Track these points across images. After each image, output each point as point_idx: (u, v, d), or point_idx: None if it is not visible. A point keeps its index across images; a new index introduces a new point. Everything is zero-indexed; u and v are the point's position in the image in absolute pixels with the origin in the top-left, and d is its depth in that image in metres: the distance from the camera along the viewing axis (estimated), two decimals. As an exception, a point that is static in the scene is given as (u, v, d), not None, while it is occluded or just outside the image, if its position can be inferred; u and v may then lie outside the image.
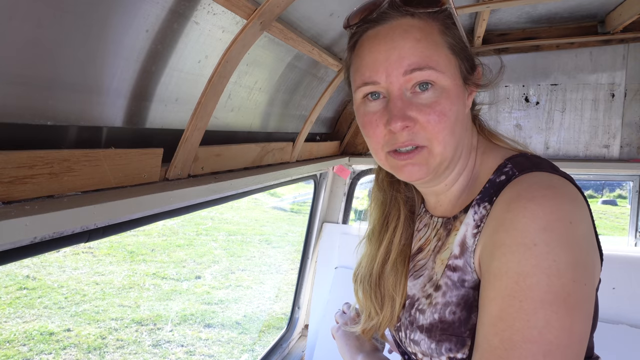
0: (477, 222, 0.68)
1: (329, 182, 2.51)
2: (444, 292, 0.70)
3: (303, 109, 1.86)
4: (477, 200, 0.70)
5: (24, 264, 6.83)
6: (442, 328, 0.68)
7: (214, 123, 1.27)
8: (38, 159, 0.73)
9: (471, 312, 0.67)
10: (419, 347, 0.72)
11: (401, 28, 0.69)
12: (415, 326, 0.74)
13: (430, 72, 0.67)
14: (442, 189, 0.79)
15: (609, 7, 1.95)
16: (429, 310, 0.72)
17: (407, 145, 0.70)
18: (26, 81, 0.71)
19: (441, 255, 0.75)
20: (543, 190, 0.60)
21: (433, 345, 0.69)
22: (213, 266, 7.92)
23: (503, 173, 0.69)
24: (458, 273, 0.69)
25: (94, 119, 0.89)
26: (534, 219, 0.56)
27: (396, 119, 0.67)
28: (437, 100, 0.68)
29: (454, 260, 0.70)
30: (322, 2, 1.31)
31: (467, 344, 0.66)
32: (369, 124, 0.73)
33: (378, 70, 0.69)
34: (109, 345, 5.20)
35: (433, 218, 0.84)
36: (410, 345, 0.75)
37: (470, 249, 0.68)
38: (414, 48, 0.67)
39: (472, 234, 0.68)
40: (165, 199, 0.95)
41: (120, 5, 0.79)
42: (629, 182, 2.40)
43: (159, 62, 0.97)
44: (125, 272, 7.20)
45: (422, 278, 0.79)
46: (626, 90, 2.21)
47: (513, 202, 0.61)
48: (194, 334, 5.60)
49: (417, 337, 0.72)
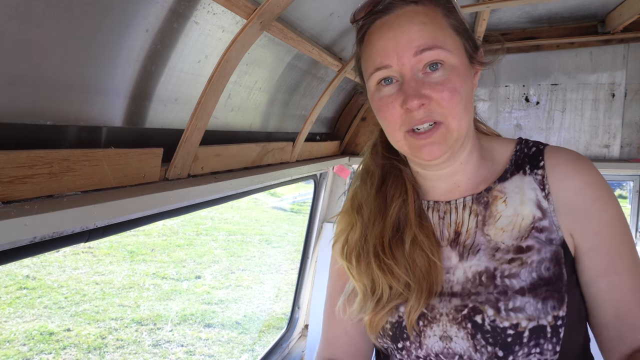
0: (540, 186, 0.77)
1: (329, 182, 2.51)
2: (538, 250, 0.73)
3: (303, 109, 1.86)
4: (527, 168, 0.79)
5: (24, 264, 6.83)
6: (544, 284, 0.71)
7: (214, 123, 1.27)
8: (38, 159, 0.73)
9: (561, 268, 0.72)
10: (524, 313, 0.69)
11: (407, 15, 0.73)
12: (511, 293, 0.71)
13: (439, 51, 0.70)
14: (458, 167, 0.81)
15: (609, 7, 1.95)
16: (524, 270, 0.72)
17: (424, 122, 0.72)
18: (26, 81, 0.71)
19: (496, 225, 0.78)
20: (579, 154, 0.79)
21: (540, 305, 0.69)
22: (213, 266, 7.92)
23: (531, 146, 0.81)
24: (545, 233, 0.74)
25: (93, 119, 0.89)
26: (600, 175, 0.76)
27: (412, 97, 0.70)
28: (448, 77, 0.71)
29: (540, 222, 0.75)
30: (322, 2, 1.31)
31: (564, 300, 0.69)
32: (385, 107, 0.75)
33: (389, 54, 0.72)
34: (109, 345, 5.20)
35: (453, 202, 0.82)
36: (509, 317, 0.70)
37: (549, 209, 0.75)
38: (422, 30, 0.71)
39: (543, 197, 0.76)
40: (165, 198, 0.95)
41: (120, 5, 0.79)
42: (629, 182, 2.40)
43: (159, 62, 0.97)
44: (125, 272, 7.20)
45: (482, 252, 0.76)
46: (626, 90, 2.21)
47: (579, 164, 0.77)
48: (194, 334, 5.59)
49: (519, 303, 0.70)
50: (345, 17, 1.48)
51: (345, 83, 2.17)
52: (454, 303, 0.75)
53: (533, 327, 0.68)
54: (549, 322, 0.68)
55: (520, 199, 0.77)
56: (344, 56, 1.78)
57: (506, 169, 0.81)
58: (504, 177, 0.80)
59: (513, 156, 0.81)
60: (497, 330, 0.70)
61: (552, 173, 0.76)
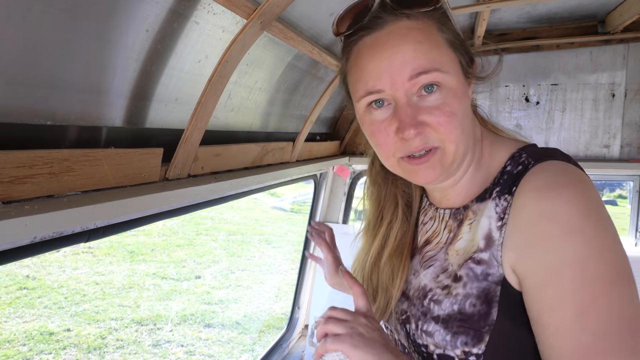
0: (499, 215, 0.68)
1: (329, 182, 2.51)
2: (464, 284, 0.70)
3: (303, 109, 1.86)
4: (496, 192, 0.70)
5: (24, 264, 6.83)
6: (461, 319, 0.68)
7: (214, 123, 1.27)
8: (38, 159, 0.73)
9: (491, 307, 0.66)
10: (432, 339, 0.71)
11: (400, 32, 0.67)
12: (429, 317, 0.73)
13: (437, 73, 0.66)
14: (450, 183, 0.79)
15: (609, 7, 1.95)
16: (447, 300, 0.71)
17: (420, 150, 0.69)
18: (26, 81, 0.71)
19: (455, 246, 0.75)
20: (569, 177, 0.62)
21: (448, 337, 0.68)
22: (213, 266, 7.92)
23: (520, 163, 0.70)
24: (482, 266, 0.68)
25: (93, 119, 0.89)
26: (574, 206, 0.59)
27: (409, 127, 0.66)
28: (445, 101, 0.67)
29: (479, 254, 0.69)
30: (322, 2, 1.31)
31: (484, 340, 0.65)
32: (378, 133, 0.71)
33: (382, 78, 0.67)
34: (108, 345, 5.20)
35: (439, 210, 0.83)
36: (421, 337, 0.73)
37: (497, 242, 0.67)
38: (417, 51, 0.66)
39: (497, 227, 0.68)
40: (165, 198, 0.95)
41: (120, 5, 0.79)
42: (629, 182, 2.40)
43: (159, 62, 0.97)
44: (125, 272, 7.21)
45: (432, 268, 0.78)
46: (626, 90, 2.21)
47: (545, 190, 0.61)
48: (194, 334, 5.60)
49: (432, 329, 0.71)
50: (345, 17, 1.48)
51: (345, 83, 2.17)
52: (402, 306, 0.83)
53: (440, 353, 0.70)
54: (457, 355, 0.68)
55: (481, 225, 0.71)
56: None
57: (487, 188, 0.74)
58: (482, 197, 0.74)
59: (499, 173, 0.73)
60: (417, 343, 0.76)
61: (515, 202, 0.66)
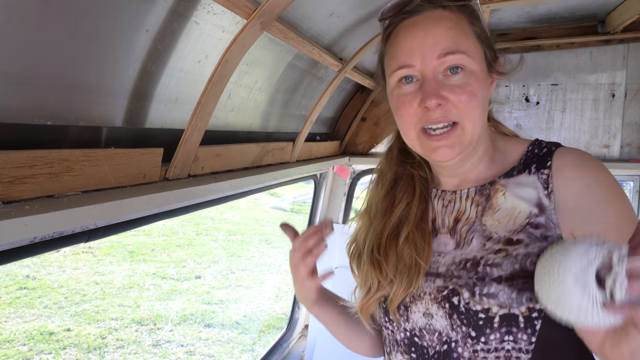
0: (543, 185, 0.78)
1: (329, 182, 2.51)
2: (526, 244, 0.75)
3: (303, 109, 1.86)
4: (534, 167, 0.80)
5: (24, 264, 6.83)
6: (524, 277, 0.72)
7: (214, 123, 1.27)
8: (38, 159, 0.73)
9: None
10: (497, 299, 0.73)
11: (434, 18, 0.76)
12: (488, 280, 0.75)
13: (462, 56, 0.74)
14: (469, 168, 0.85)
15: (609, 7, 1.95)
16: (507, 261, 0.75)
17: (440, 121, 0.75)
18: (26, 81, 0.71)
19: (494, 216, 0.80)
20: (590, 154, 0.79)
21: (514, 295, 0.72)
22: (213, 266, 7.92)
23: (543, 147, 0.82)
24: (540, 230, 0.75)
25: (93, 119, 0.89)
26: (607, 173, 0.76)
27: (431, 96, 0.73)
28: (468, 81, 0.74)
29: (536, 219, 0.76)
30: (322, 2, 1.31)
31: None
32: (403, 104, 0.78)
33: (414, 54, 0.75)
34: (109, 345, 5.20)
35: (459, 192, 0.87)
36: (481, 302, 0.75)
37: (549, 207, 0.76)
38: (447, 35, 0.74)
39: (545, 195, 0.77)
40: (165, 199, 0.95)
41: (120, 5, 0.79)
42: (630, 182, 2.40)
43: (159, 62, 0.97)
44: (125, 272, 7.20)
45: (475, 240, 0.81)
46: (626, 90, 2.21)
47: (585, 166, 0.76)
48: (194, 334, 5.60)
49: (494, 289, 0.74)
50: (346, 17, 1.48)
51: (345, 83, 2.17)
52: (437, 284, 0.81)
53: (504, 314, 0.72)
54: (521, 312, 0.71)
55: (520, 194, 0.79)
56: (344, 56, 1.78)
57: (513, 166, 0.82)
58: (509, 174, 0.82)
59: (523, 156, 0.83)
60: (470, 313, 0.75)
61: (557, 173, 0.77)
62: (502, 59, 0.85)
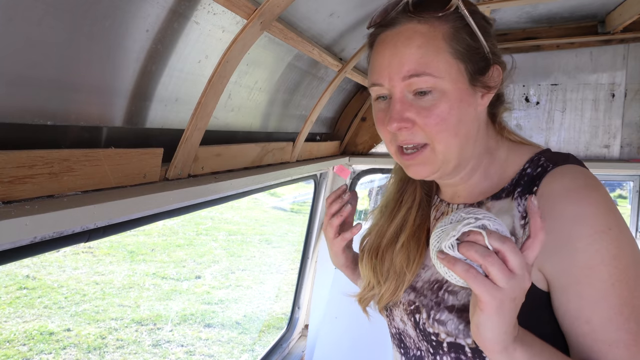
0: (522, 214, 0.72)
1: (329, 182, 2.51)
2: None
3: (303, 109, 1.86)
4: (518, 192, 0.74)
5: (24, 264, 6.83)
6: None
7: (214, 123, 1.27)
8: (38, 159, 0.73)
9: None
10: (445, 327, 0.74)
11: (405, 34, 0.72)
12: (443, 307, 0.76)
13: (427, 78, 0.70)
14: (458, 181, 0.83)
15: (609, 7, 1.95)
16: (464, 292, 0.74)
17: (407, 143, 0.75)
18: (26, 81, 0.71)
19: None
20: (587, 180, 0.68)
21: (461, 327, 0.72)
22: (213, 266, 7.93)
23: (539, 166, 0.74)
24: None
25: (93, 119, 0.89)
26: (599, 206, 0.65)
27: (392, 120, 0.72)
28: (436, 103, 0.71)
29: None
30: (322, 2, 1.31)
31: None
32: (379, 122, 0.79)
33: (382, 74, 0.74)
34: (109, 345, 5.20)
35: (451, 206, 0.86)
36: (433, 326, 0.76)
37: (521, 240, 0.71)
38: (414, 55, 0.71)
39: (520, 225, 0.72)
40: (165, 198, 0.95)
41: (120, 5, 0.79)
42: (629, 182, 2.40)
43: (159, 62, 0.97)
44: (125, 272, 7.21)
45: None
46: (626, 90, 2.21)
47: (569, 194, 0.67)
48: (194, 334, 5.60)
49: (445, 318, 0.74)
50: (346, 17, 1.49)
51: (345, 83, 2.17)
52: (410, 297, 0.85)
53: (450, 342, 0.74)
54: (467, 344, 0.71)
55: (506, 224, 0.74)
56: (344, 56, 1.79)
57: (504, 187, 0.77)
58: (497, 195, 0.77)
59: (517, 175, 0.77)
60: (426, 332, 0.78)
61: (540, 202, 0.66)
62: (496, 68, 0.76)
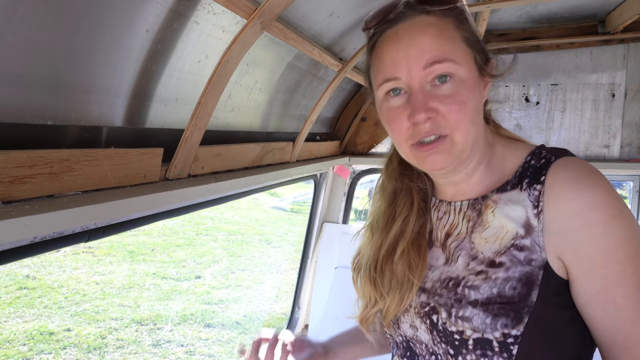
0: (534, 203, 0.72)
1: (329, 182, 2.51)
2: (507, 268, 0.72)
3: (303, 109, 1.86)
4: (526, 183, 0.74)
5: (24, 264, 6.83)
6: (501, 302, 0.70)
7: (214, 123, 1.27)
8: (38, 159, 0.73)
9: (531, 289, 0.69)
10: (470, 323, 0.72)
11: (419, 26, 0.73)
12: (465, 302, 0.74)
13: (449, 64, 0.71)
14: (462, 178, 0.82)
15: (609, 7, 1.95)
16: (486, 285, 0.73)
17: (430, 134, 0.73)
18: (26, 81, 0.71)
19: (482, 234, 0.77)
20: (591, 168, 0.71)
21: (488, 320, 0.70)
22: (213, 266, 7.92)
23: (541, 158, 0.75)
24: (525, 252, 0.71)
25: (94, 119, 0.89)
26: (608, 192, 0.68)
27: (419, 110, 0.71)
28: (457, 90, 0.71)
29: (521, 240, 0.72)
30: (322, 2, 1.31)
31: (523, 321, 0.68)
32: (393, 119, 0.76)
33: (399, 66, 0.72)
34: (109, 345, 5.20)
35: (453, 204, 0.85)
36: (456, 324, 0.74)
37: (536, 228, 0.71)
38: (433, 43, 0.71)
39: (534, 215, 0.72)
40: (165, 198, 0.95)
41: (120, 5, 0.79)
42: (629, 182, 2.40)
43: (159, 62, 0.97)
44: (125, 272, 7.20)
45: (461, 258, 0.80)
46: (626, 90, 2.21)
47: (579, 181, 0.69)
48: (194, 334, 5.60)
49: (469, 313, 0.73)
50: (346, 17, 1.49)
51: (345, 83, 2.17)
52: (422, 299, 0.82)
53: (477, 338, 0.71)
54: (495, 338, 0.70)
55: (509, 213, 0.75)
56: (344, 56, 1.79)
57: (508, 180, 0.78)
58: (502, 188, 0.78)
59: (520, 167, 0.77)
60: (447, 332, 0.75)
61: (549, 190, 0.71)
62: (494, 60, 0.80)
